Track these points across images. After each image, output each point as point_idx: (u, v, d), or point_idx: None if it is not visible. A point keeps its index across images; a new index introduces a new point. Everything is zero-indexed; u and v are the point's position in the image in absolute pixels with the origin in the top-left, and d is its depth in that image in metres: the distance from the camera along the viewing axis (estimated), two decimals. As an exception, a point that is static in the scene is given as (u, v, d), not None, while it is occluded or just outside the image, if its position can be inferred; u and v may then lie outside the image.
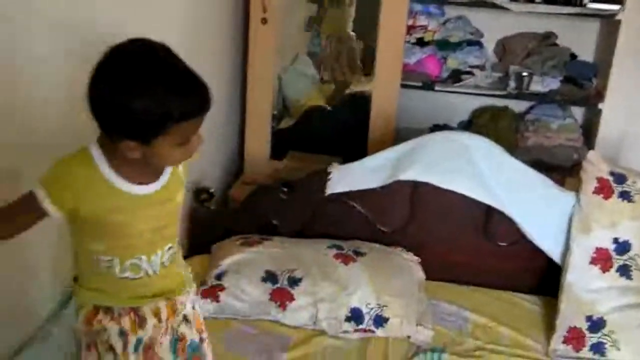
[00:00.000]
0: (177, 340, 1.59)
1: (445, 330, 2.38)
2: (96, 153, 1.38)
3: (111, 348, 1.49)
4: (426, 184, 2.55)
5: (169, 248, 1.54)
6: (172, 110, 1.30)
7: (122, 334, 1.49)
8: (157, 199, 1.46)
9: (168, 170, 1.49)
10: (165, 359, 1.57)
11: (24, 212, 1.36)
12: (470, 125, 3.68)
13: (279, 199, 2.72)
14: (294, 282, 2.37)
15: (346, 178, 2.63)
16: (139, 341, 1.52)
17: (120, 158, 1.37)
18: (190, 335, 1.63)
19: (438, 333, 2.34)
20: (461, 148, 2.54)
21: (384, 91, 3.11)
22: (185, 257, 2.55)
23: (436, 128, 3.58)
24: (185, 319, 1.62)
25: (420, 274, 2.57)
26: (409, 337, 2.30)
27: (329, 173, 2.64)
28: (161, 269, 1.52)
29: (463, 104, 3.69)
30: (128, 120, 1.30)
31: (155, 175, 1.46)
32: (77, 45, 1.74)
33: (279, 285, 2.36)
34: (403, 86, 3.19)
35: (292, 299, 2.33)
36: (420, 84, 3.39)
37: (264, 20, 3.00)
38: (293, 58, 3.63)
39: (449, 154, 2.55)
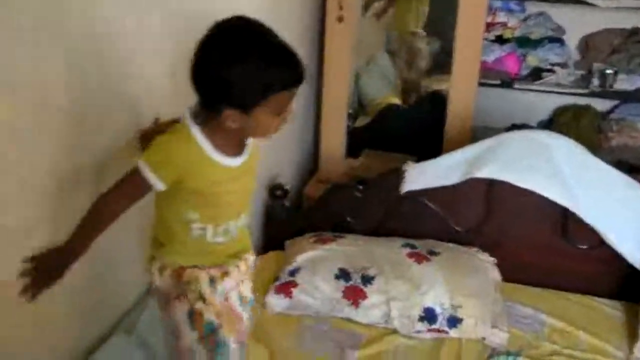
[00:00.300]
0: (241, 296, 1.68)
1: (520, 333, 2.33)
2: (195, 130, 1.46)
3: (201, 297, 1.57)
4: (502, 183, 2.50)
5: (246, 213, 1.65)
6: (273, 80, 1.40)
7: (212, 281, 1.59)
8: (243, 170, 1.55)
9: (250, 144, 1.57)
10: (238, 310, 1.66)
11: (132, 188, 1.46)
12: (550, 124, 3.58)
13: (353, 197, 2.73)
14: (367, 280, 2.36)
15: (421, 176, 2.61)
16: (222, 290, 1.61)
17: (216, 132, 1.46)
18: (248, 293, 1.71)
19: (513, 336, 2.30)
20: (540, 147, 2.48)
21: (461, 90, 3.06)
22: (260, 253, 2.62)
23: (514, 127, 3.50)
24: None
25: (496, 274, 2.52)
26: (483, 338, 2.27)
27: (404, 171, 2.63)
28: (239, 232, 1.63)
29: (543, 103, 3.60)
30: (233, 88, 1.39)
31: (242, 148, 1.55)
32: (176, 21, 1.85)
33: (352, 282, 2.36)
34: (481, 84, 3.14)
35: (364, 296, 2.33)
36: (498, 82, 3.33)
37: (340, 18, 3.01)
38: (371, 56, 3.63)
39: (527, 153, 2.50)
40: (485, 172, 2.50)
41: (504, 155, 2.50)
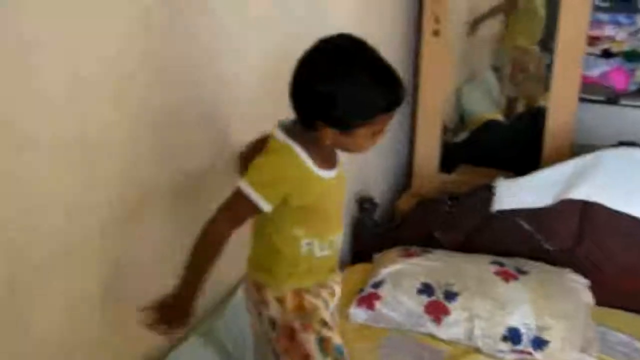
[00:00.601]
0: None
1: (613, 360, 2.22)
2: (295, 146, 1.46)
3: (324, 323, 1.59)
4: (599, 203, 2.40)
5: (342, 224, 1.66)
6: (378, 101, 1.40)
7: (326, 304, 1.61)
8: (338, 181, 1.56)
9: (339, 155, 1.58)
10: (337, 320, 1.71)
11: (237, 212, 1.45)
12: (661, 143, 3.39)
13: (442, 212, 2.70)
14: (451, 296, 2.33)
15: (513, 194, 2.55)
16: (332, 308, 1.65)
17: (310, 146, 1.46)
18: (335, 304, 1.72)
19: (604, 362, 2.19)
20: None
21: (560, 105, 2.95)
22: (348, 265, 2.63)
23: (621, 145, 3.34)
24: None
25: (588, 297, 2.42)
26: (570, 363, 2.18)
27: (494, 187, 2.57)
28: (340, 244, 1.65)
29: (653, 120, 3.41)
30: (337, 106, 1.38)
31: (335, 160, 1.56)
32: (271, 35, 1.93)
33: (434, 297, 2.33)
34: (584, 100, 3.02)
35: (447, 312, 2.29)
36: (603, 98, 3.20)
37: (436, 32, 2.98)
38: (475, 72, 3.57)
39: (625, 172, 2.40)
40: (580, 193, 2.42)
41: (600, 175, 2.41)
